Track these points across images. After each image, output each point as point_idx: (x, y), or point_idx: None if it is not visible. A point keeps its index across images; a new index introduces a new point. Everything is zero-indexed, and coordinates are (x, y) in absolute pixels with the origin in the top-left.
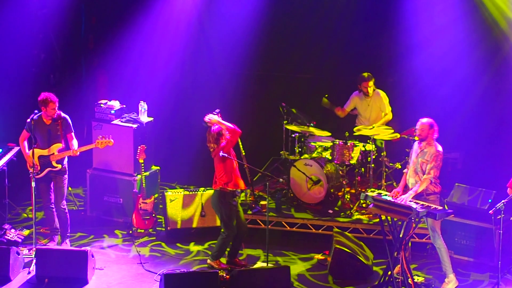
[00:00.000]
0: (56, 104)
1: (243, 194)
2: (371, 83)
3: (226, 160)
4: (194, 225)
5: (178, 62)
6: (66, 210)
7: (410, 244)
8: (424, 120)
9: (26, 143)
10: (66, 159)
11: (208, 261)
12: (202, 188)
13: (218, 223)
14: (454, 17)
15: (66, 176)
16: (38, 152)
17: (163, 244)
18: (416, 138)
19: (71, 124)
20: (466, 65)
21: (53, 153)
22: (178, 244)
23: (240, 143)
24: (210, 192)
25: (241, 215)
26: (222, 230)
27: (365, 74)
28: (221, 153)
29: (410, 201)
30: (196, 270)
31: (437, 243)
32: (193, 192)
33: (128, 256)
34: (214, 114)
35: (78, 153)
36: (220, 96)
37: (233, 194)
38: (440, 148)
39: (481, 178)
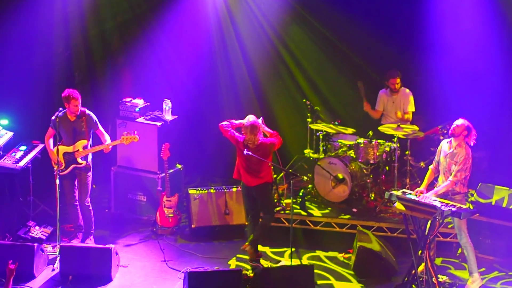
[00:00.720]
0: (79, 101)
1: None
2: (398, 80)
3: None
4: (218, 222)
5: (202, 60)
6: (90, 207)
7: (434, 243)
8: (463, 120)
9: (51, 141)
10: (90, 156)
11: (248, 247)
12: (225, 187)
13: (241, 220)
14: (482, 14)
15: (90, 173)
16: (63, 149)
17: (187, 241)
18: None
19: (97, 121)
20: (494, 64)
21: (78, 150)
22: (202, 242)
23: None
24: (234, 190)
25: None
26: (261, 216)
27: (393, 71)
28: (245, 152)
29: (435, 200)
30: (220, 268)
31: (463, 242)
32: (217, 190)
33: (152, 254)
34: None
35: (111, 147)
36: (244, 94)
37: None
38: (469, 151)
39: (506, 177)
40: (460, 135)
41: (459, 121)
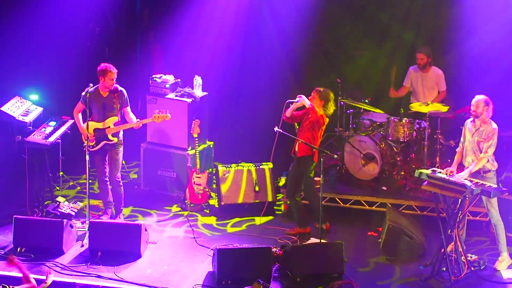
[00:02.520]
0: (115, 75)
1: None
2: (422, 56)
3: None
4: (247, 200)
5: (233, 36)
6: (121, 183)
7: (464, 222)
8: (480, 96)
9: (80, 116)
10: (121, 133)
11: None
12: (252, 164)
13: (270, 198)
14: None
15: (121, 149)
16: (93, 125)
17: (216, 218)
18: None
19: (128, 98)
20: None
21: (109, 126)
22: (231, 219)
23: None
24: (264, 167)
25: None
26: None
27: (422, 47)
28: (276, 128)
29: (465, 179)
30: (249, 246)
31: (494, 220)
32: (247, 168)
33: (181, 231)
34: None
35: (141, 125)
36: (275, 71)
37: None
38: (495, 125)
39: None
40: (483, 112)
41: (476, 101)
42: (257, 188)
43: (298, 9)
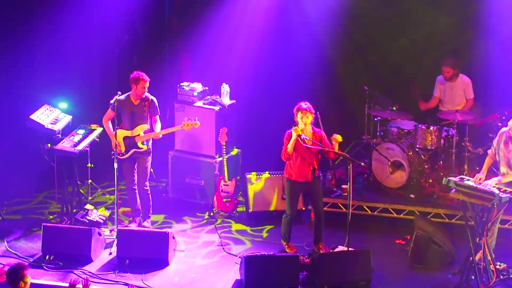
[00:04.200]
0: (147, 83)
1: None
2: (448, 69)
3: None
4: (275, 208)
5: (261, 45)
6: (149, 191)
7: (492, 230)
8: None
9: (110, 123)
10: (151, 141)
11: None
12: (282, 172)
13: (298, 206)
14: None
15: (150, 157)
16: (122, 132)
17: (243, 226)
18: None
19: (158, 107)
20: None
21: (139, 134)
22: (259, 227)
23: (321, 124)
24: None
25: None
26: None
27: (447, 59)
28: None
29: (493, 186)
30: (277, 253)
31: None
32: (274, 175)
33: (209, 238)
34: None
35: (161, 135)
36: (303, 79)
37: None
38: None
39: None
40: None
41: None
42: (284, 196)
43: (327, 16)
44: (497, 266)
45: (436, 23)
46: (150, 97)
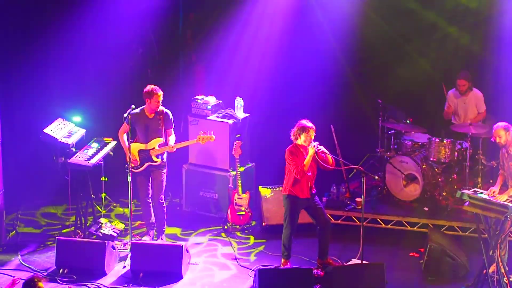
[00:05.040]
0: (161, 97)
1: None
2: (464, 82)
3: None
4: None
5: (275, 58)
6: (164, 204)
7: (506, 242)
8: (497, 125)
9: (125, 136)
10: (165, 154)
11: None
12: None
13: (311, 219)
14: None
15: (165, 170)
16: (137, 146)
17: (257, 239)
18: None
19: (172, 120)
20: None
21: (154, 148)
22: (273, 240)
23: (335, 138)
24: None
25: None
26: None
27: (462, 72)
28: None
29: (506, 199)
30: (290, 266)
31: None
32: None
33: (223, 252)
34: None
35: (175, 149)
36: (317, 92)
37: None
38: None
39: None
40: (507, 139)
41: (496, 129)
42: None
43: (341, 29)
44: (511, 279)
45: (450, 37)
46: (165, 110)
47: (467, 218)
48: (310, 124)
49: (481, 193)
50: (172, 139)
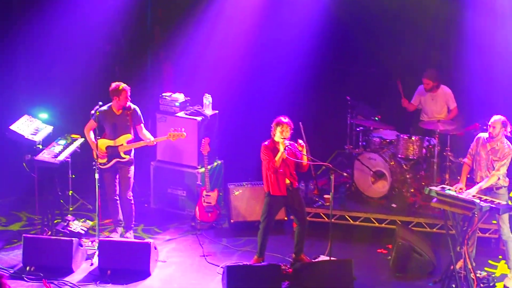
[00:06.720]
0: (128, 92)
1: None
2: (428, 81)
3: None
4: (257, 218)
5: (243, 55)
6: (132, 201)
7: (473, 239)
8: (497, 117)
9: (92, 133)
10: (133, 151)
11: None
12: None
13: (280, 216)
14: None
15: (132, 167)
16: (105, 142)
17: (225, 237)
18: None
19: (141, 115)
20: None
21: (122, 144)
22: (241, 237)
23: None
24: None
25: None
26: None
27: (427, 71)
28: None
29: (474, 196)
30: (258, 263)
31: (505, 237)
32: (256, 186)
33: (191, 249)
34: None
35: (155, 143)
36: (285, 89)
37: None
38: (510, 145)
39: None
40: (499, 132)
41: (495, 120)
42: None
43: (310, 27)
44: (478, 275)
45: (420, 34)
46: (133, 106)
47: (434, 214)
48: (286, 120)
49: (449, 189)
50: (148, 134)
